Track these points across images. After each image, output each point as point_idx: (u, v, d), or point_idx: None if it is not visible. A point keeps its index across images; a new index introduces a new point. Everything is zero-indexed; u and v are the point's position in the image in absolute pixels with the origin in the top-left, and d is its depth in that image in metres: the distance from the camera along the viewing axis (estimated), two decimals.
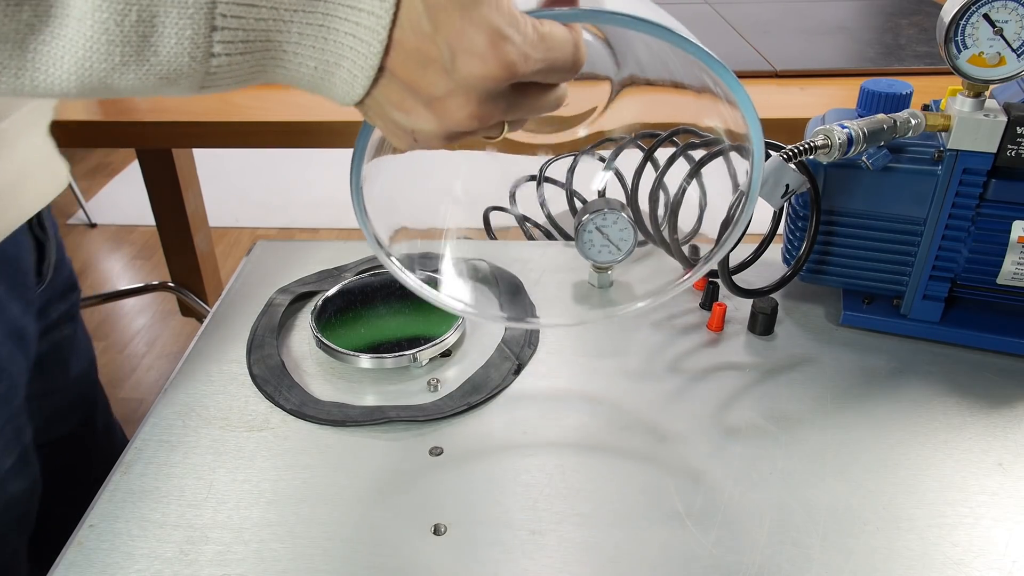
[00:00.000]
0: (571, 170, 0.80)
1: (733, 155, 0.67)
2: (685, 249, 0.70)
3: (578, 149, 0.81)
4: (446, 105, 0.34)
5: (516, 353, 0.63)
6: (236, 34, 0.32)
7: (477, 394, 0.59)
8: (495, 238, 0.90)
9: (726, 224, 0.61)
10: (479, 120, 0.35)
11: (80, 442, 0.76)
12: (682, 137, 0.70)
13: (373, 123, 0.38)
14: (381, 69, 0.34)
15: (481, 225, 0.90)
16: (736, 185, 0.66)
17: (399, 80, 0.34)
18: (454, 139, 0.37)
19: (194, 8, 0.31)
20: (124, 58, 0.31)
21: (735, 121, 0.44)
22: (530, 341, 0.65)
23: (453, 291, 0.59)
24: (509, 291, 0.71)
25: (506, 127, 0.38)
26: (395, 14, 0.33)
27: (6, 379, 0.57)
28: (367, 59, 0.34)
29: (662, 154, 0.75)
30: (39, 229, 0.64)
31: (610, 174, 0.73)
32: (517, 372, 0.62)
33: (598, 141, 0.82)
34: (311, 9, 0.33)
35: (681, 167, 0.67)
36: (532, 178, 0.85)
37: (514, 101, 0.36)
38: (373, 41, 0.33)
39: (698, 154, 0.66)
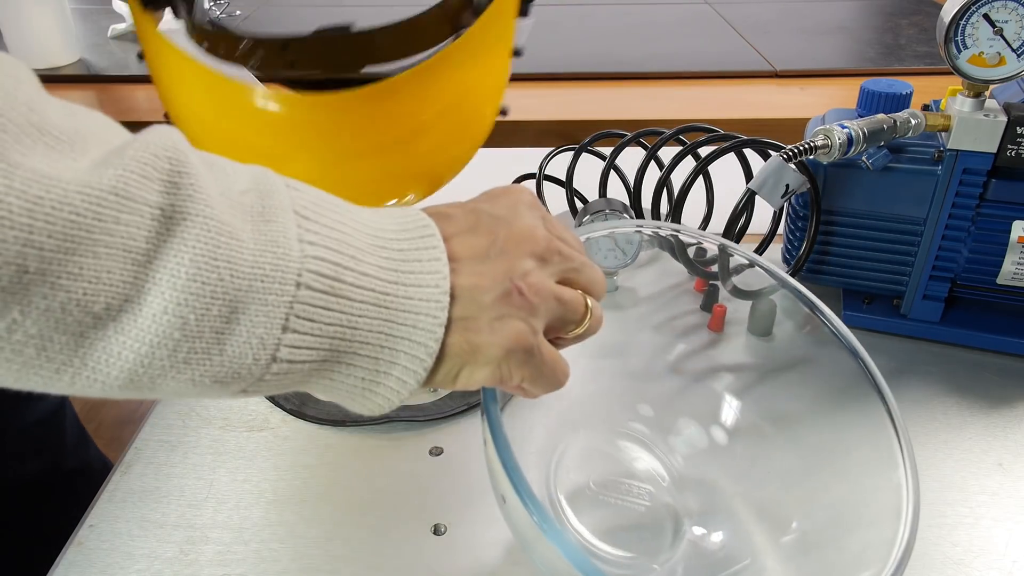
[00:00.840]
0: (571, 168, 0.80)
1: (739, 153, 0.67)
2: (690, 252, 0.70)
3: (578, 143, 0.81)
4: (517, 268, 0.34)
5: None
6: (304, 338, 0.30)
7: (477, 394, 0.59)
8: None
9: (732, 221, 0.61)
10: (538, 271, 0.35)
11: (39, 487, 0.73)
12: (689, 136, 0.70)
13: (457, 379, 0.35)
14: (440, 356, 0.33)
15: None
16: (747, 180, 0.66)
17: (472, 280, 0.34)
18: (535, 316, 0.35)
19: (273, 304, 0.29)
20: (189, 356, 0.28)
21: None
22: None
23: None
24: None
25: (589, 311, 0.38)
26: (451, 303, 0.33)
27: None
28: (421, 363, 0.33)
29: (667, 153, 0.75)
30: None
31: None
32: None
33: (600, 134, 0.82)
34: (375, 315, 0.31)
35: (686, 167, 0.67)
36: (531, 176, 0.85)
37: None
38: (430, 343, 0.32)
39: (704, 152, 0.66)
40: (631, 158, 0.75)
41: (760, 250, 0.71)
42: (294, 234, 0.30)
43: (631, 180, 0.74)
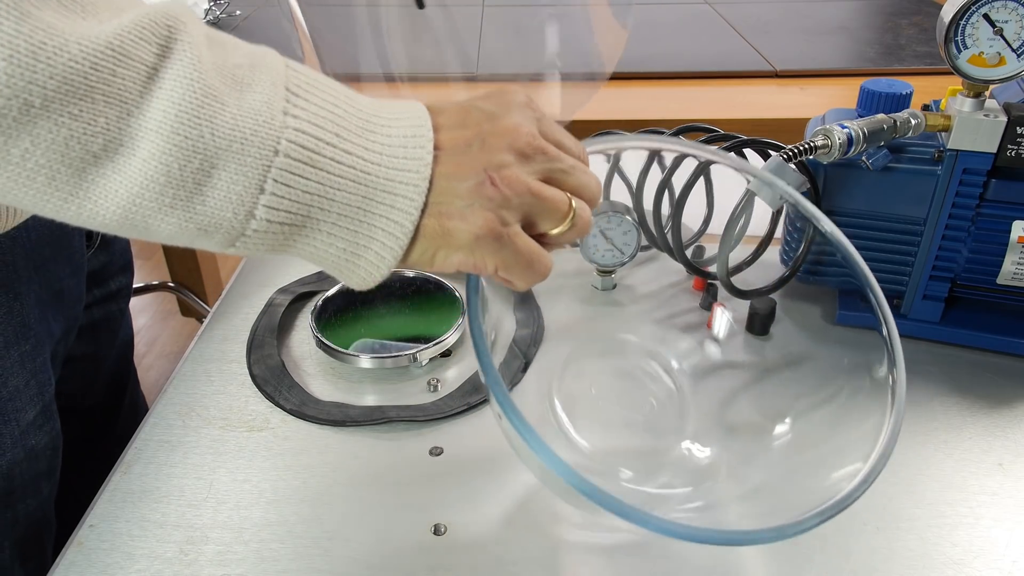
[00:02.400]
0: None
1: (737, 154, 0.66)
2: (689, 252, 0.70)
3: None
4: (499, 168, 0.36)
5: (524, 352, 0.63)
6: (281, 201, 0.33)
7: (477, 394, 0.59)
8: None
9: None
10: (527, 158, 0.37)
11: (107, 414, 0.80)
12: (689, 136, 0.70)
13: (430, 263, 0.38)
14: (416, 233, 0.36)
15: None
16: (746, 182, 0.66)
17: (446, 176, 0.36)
18: (511, 211, 0.37)
19: (251, 166, 0.32)
20: (174, 201, 0.32)
21: None
22: (535, 340, 0.65)
23: None
24: (518, 296, 0.71)
25: (573, 208, 0.38)
26: (429, 188, 0.36)
27: (32, 337, 0.59)
28: (397, 239, 0.36)
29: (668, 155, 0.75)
30: None
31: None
32: (524, 370, 0.62)
33: (600, 134, 0.82)
34: (353, 191, 0.35)
35: (686, 167, 0.67)
36: None
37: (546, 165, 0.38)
38: (405, 223, 0.35)
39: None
40: (631, 159, 0.75)
41: (759, 251, 0.71)
42: (279, 107, 0.33)
43: (633, 181, 0.74)
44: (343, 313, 0.66)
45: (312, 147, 0.33)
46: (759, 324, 0.66)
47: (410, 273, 0.70)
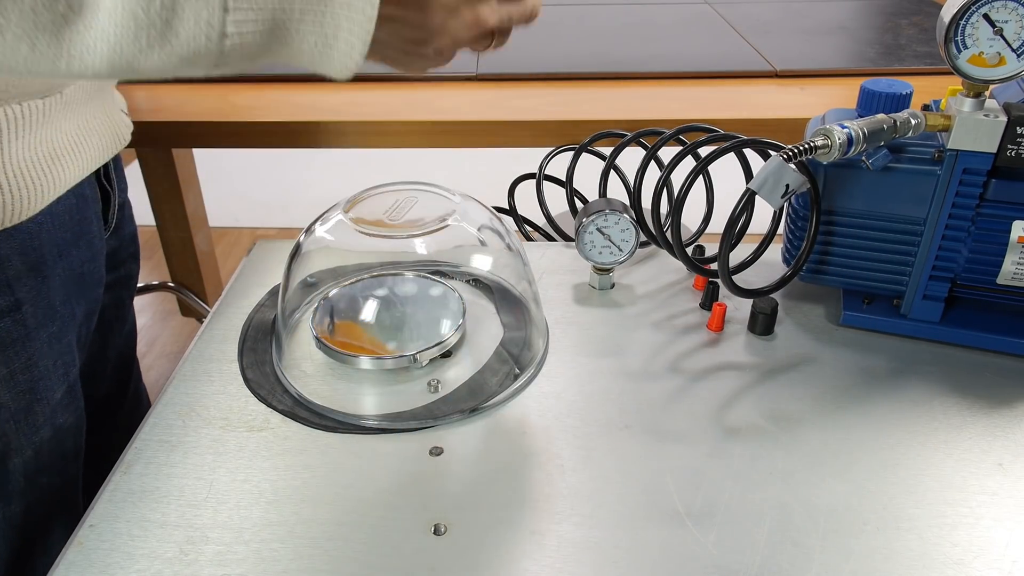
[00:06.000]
0: (571, 168, 0.80)
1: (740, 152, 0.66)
2: (689, 250, 0.70)
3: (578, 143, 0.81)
4: (449, 15, 0.44)
5: (515, 356, 0.63)
6: (247, 14, 0.38)
7: (477, 397, 0.59)
8: None
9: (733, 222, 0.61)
10: (476, 20, 0.46)
11: (112, 403, 0.83)
12: (689, 135, 0.70)
13: (385, 62, 0.47)
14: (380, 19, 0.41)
15: None
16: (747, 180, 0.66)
17: (397, 21, 0.43)
18: (453, 46, 0.47)
19: None
20: (150, 41, 0.36)
21: None
22: (528, 343, 0.65)
23: None
24: (503, 297, 0.70)
25: (495, 37, 0.48)
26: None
27: (58, 320, 0.62)
28: (362, 25, 0.41)
29: (667, 153, 0.75)
30: (104, 179, 0.70)
31: None
32: (516, 377, 0.61)
33: (600, 134, 0.82)
34: None
35: (686, 166, 0.67)
36: (531, 176, 0.85)
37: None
38: (366, 6, 0.41)
39: (705, 152, 0.66)
40: (631, 158, 0.75)
41: (760, 250, 0.71)
42: None
43: (631, 180, 0.74)
44: (343, 313, 0.66)
45: None
46: (761, 324, 0.66)
47: (409, 274, 0.70)
